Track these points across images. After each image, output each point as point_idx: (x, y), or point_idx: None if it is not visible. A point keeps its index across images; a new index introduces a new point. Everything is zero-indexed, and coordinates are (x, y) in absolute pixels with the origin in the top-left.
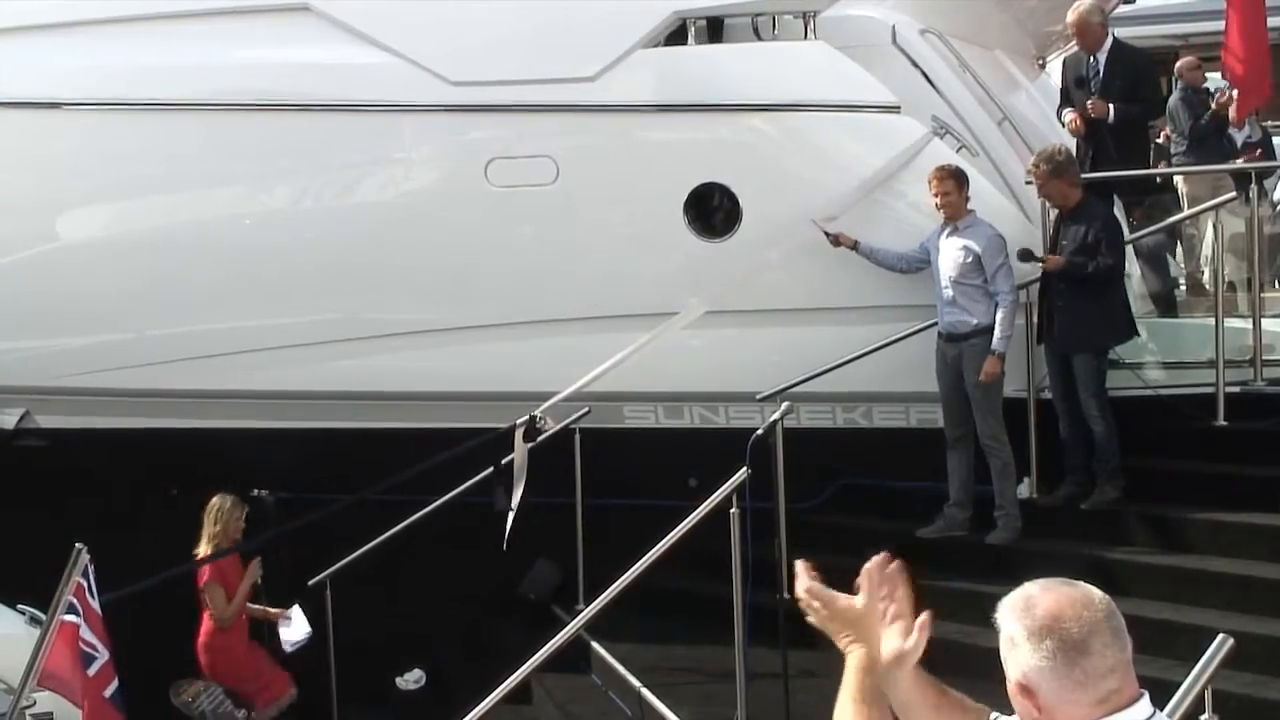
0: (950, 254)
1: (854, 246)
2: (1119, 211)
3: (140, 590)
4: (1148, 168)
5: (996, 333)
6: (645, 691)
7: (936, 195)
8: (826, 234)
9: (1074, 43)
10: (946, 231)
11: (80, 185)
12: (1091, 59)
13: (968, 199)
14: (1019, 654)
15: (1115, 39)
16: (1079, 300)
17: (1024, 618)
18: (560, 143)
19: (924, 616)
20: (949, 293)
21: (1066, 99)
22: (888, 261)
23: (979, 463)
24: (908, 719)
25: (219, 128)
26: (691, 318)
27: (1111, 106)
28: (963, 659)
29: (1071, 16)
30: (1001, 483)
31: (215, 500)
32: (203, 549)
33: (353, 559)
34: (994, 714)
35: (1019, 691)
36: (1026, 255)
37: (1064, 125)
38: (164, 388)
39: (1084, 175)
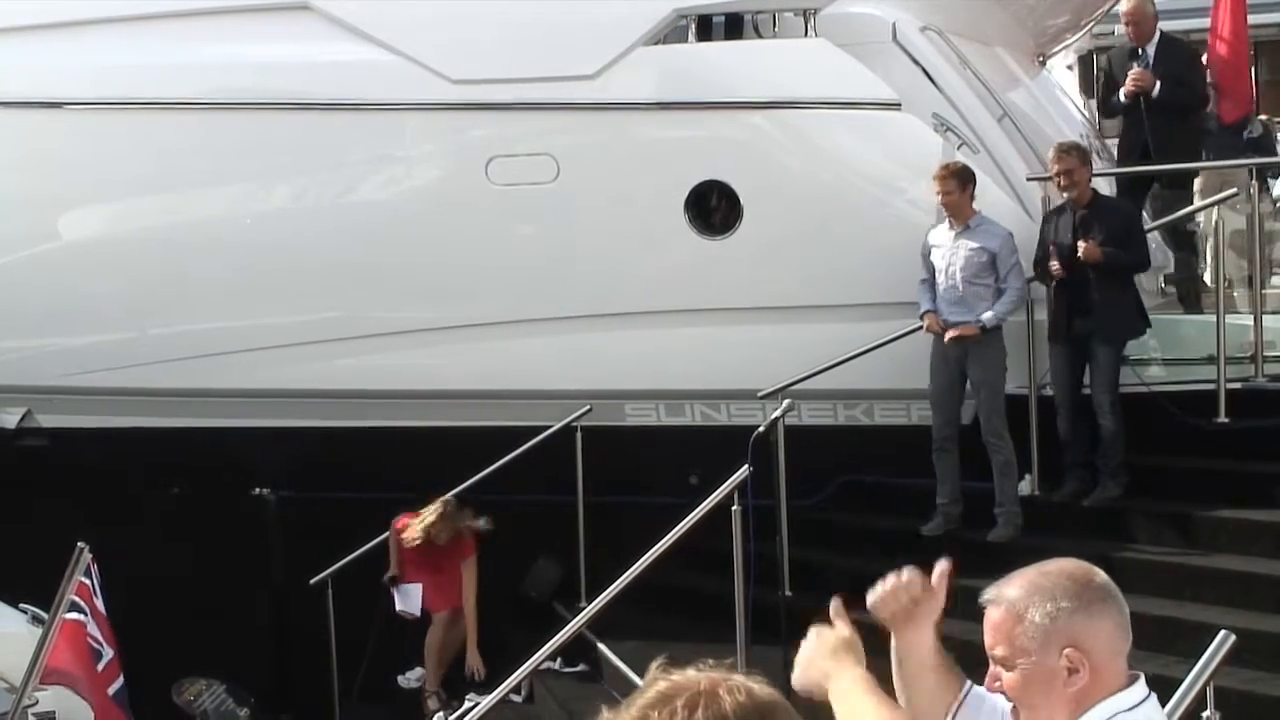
0: (963, 254)
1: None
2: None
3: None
4: (1195, 154)
5: (995, 310)
6: None
7: (939, 194)
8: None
9: (1079, 39)
10: (955, 231)
11: (81, 184)
12: (1140, 50)
13: (973, 198)
14: (1064, 621)
15: (1163, 32)
16: (1113, 291)
17: (1067, 588)
18: (561, 141)
19: (943, 565)
20: (957, 291)
21: (1111, 91)
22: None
23: (978, 460)
24: (910, 675)
25: (220, 127)
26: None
27: (1159, 82)
28: (967, 657)
29: (1127, 5)
30: (1003, 479)
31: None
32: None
33: (354, 557)
34: (969, 683)
35: (1069, 661)
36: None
37: (1120, 102)
38: (166, 387)
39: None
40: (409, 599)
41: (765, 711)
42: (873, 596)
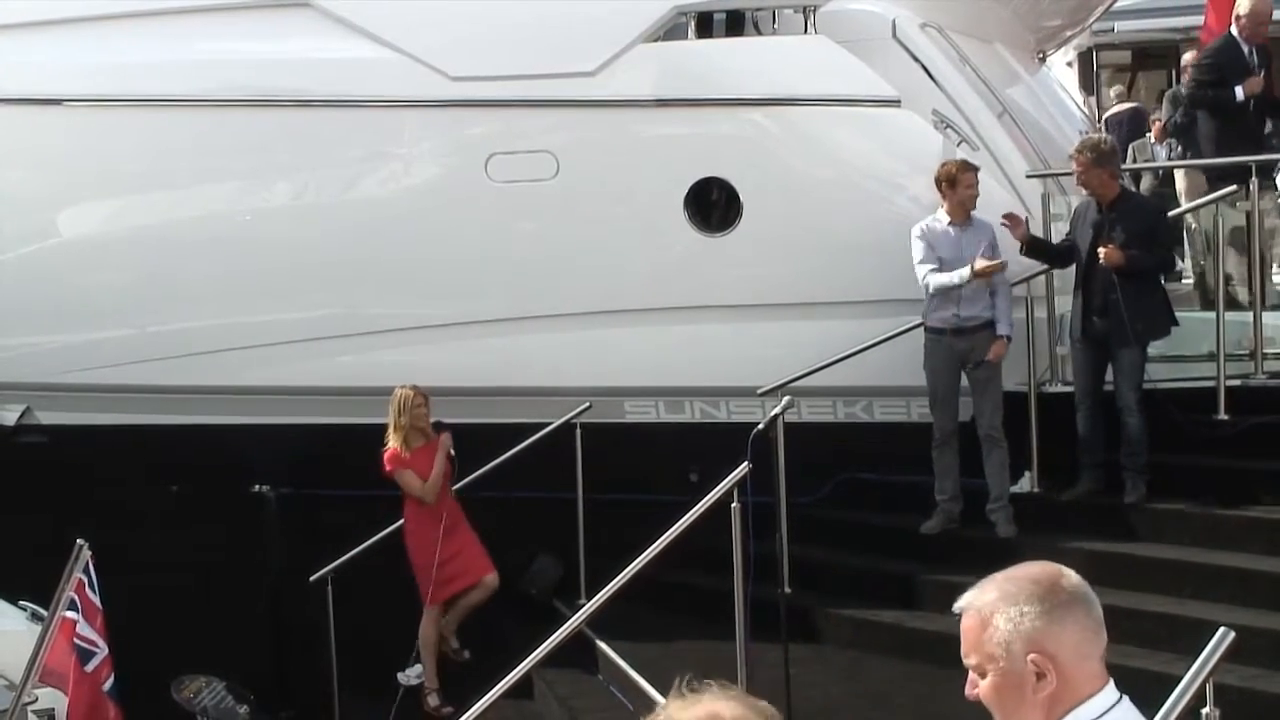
0: (974, 250)
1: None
2: None
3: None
4: None
5: (1006, 318)
6: (646, 686)
7: (968, 190)
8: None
9: (1079, 36)
10: (959, 227)
11: (81, 181)
12: (1249, 51)
13: None
14: (1027, 626)
15: None
16: (1141, 292)
17: (1031, 592)
18: (560, 138)
19: None
20: (968, 289)
21: (1220, 80)
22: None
23: (979, 457)
24: None
25: (219, 123)
26: None
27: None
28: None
29: (1255, 5)
30: (1002, 474)
31: (398, 392)
32: (391, 439)
33: (354, 554)
34: None
35: (1035, 666)
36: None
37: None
38: (165, 384)
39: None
40: None
41: None
42: None
